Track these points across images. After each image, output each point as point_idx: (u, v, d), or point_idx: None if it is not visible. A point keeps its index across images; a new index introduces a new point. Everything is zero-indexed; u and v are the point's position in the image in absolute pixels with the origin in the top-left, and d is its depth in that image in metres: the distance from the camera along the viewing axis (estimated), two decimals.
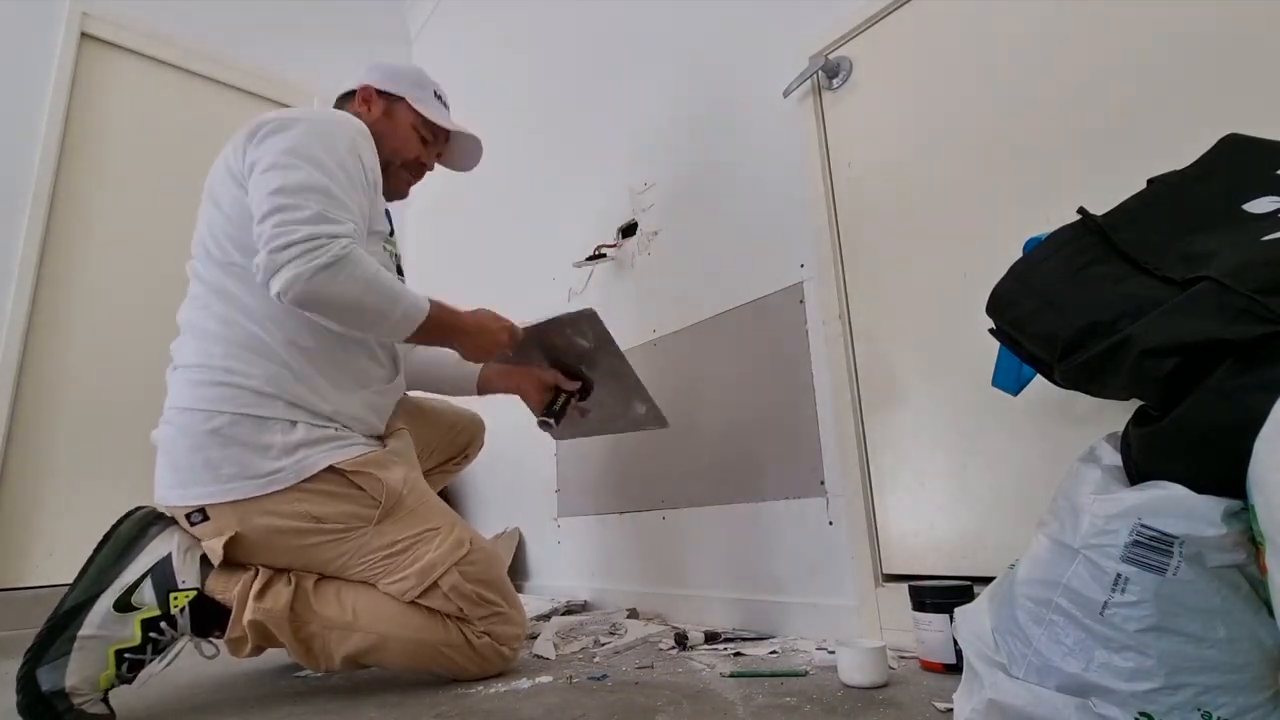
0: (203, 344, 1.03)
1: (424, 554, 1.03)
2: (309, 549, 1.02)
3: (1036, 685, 0.60)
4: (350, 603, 1.02)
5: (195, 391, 1.01)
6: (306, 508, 1.00)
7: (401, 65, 1.34)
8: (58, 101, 2.10)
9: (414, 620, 1.03)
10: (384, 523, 1.04)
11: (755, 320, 1.44)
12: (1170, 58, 0.94)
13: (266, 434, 1.00)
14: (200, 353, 1.03)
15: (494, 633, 1.05)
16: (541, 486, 1.98)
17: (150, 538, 0.99)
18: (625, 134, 1.88)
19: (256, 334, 1.03)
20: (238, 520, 0.99)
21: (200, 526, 1.00)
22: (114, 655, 0.91)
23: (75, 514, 1.94)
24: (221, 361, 1.01)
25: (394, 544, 1.03)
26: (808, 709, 0.83)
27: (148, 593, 0.95)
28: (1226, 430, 0.54)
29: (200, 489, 0.99)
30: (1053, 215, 0.79)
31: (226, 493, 0.98)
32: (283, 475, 0.99)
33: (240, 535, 0.99)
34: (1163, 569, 0.55)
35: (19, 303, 1.93)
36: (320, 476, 1.01)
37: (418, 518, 1.06)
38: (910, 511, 1.16)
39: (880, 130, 1.30)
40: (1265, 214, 0.63)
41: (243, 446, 0.99)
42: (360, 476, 1.03)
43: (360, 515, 1.03)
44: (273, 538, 1.00)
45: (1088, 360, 0.63)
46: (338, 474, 1.02)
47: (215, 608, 0.99)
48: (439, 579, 1.02)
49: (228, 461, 0.98)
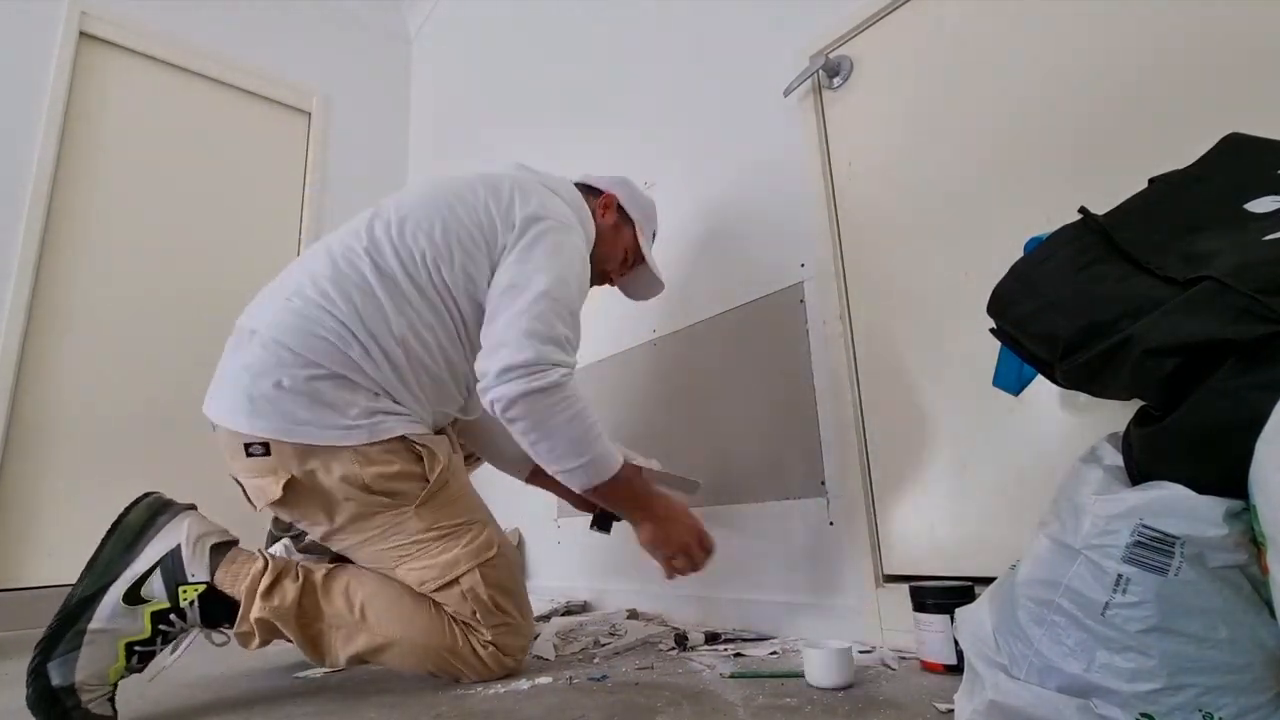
0: (324, 302, 1.04)
1: (453, 547, 1.04)
2: (350, 515, 1.03)
3: (1038, 686, 0.59)
4: (359, 601, 1.02)
5: (300, 333, 1.02)
6: (361, 471, 1.01)
7: (646, 196, 1.44)
8: (56, 101, 2.10)
9: (422, 624, 1.02)
10: (425, 505, 1.04)
11: (755, 320, 1.44)
12: (1170, 58, 0.94)
13: (353, 395, 1.03)
14: (328, 300, 1.04)
15: (500, 643, 1.05)
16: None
17: (159, 527, 0.98)
18: (625, 133, 1.87)
19: (383, 319, 1.05)
20: (298, 464, 1.00)
21: (258, 460, 1.00)
22: (124, 648, 0.90)
23: (75, 514, 1.94)
24: (344, 321, 1.03)
25: (428, 530, 1.04)
26: (808, 709, 0.83)
27: (157, 585, 0.94)
28: (1228, 430, 0.54)
29: (273, 423, 0.99)
30: (1053, 215, 0.79)
31: (298, 434, 0.99)
32: (357, 432, 1.01)
33: (295, 480, 1.00)
34: (1164, 569, 0.55)
35: (18, 302, 1.93)
36: (388, 444, 1.03)
37: (457, 509, 1.08)
38: (911, 512, 1.16)
39: (880, 130, 1.30)
40: (1266, 213, 0.63)
41: (326, 403, 1.01)
42: (424, 450, 1.06)
43: (408, 493, 1.04)
44: (321, 494, 1.01)
45: (1089, 360, 0.63)
46: (405, 444, 1.05)
47: (224, 600, 0.98)
48: (460, 576, 1.03)
49: (307, 408, 1.00)
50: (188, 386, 2.15)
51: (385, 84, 3.04)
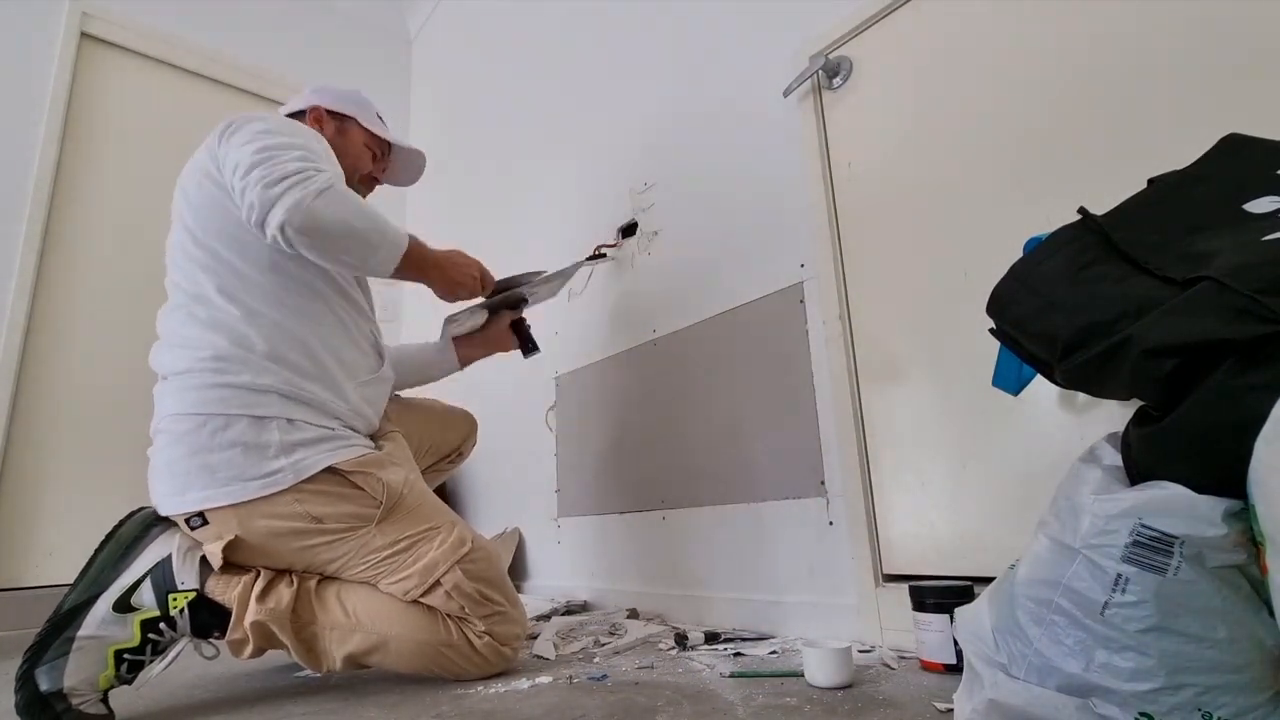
0: (188, 350, 1.02)
1: (425, 553, 1.04)
2: (310, 550, 1.02)
3: (1037, 685, 0.60)
4: (352, 604, 1.03)
5: (189, 396, 1.00)
6: (306, 508, 1.00)
7: (344, 88, 1.37)
8: (57, 101, 2.10)
9: (415, 620, 1.03)
10: (385, 522, 1.04)
11: (755, 320, 1.44)
12: (1171, 58, 0.94)
13: (264, 433, 0.99)
14: (187, 359, 1.02)
15: (495, 632, 1.05)
16: (541, 486, 1.98)
17: (151, 538, 0.99)
18: (625, 133, 1.88)
19: (243, 332, 1.02)
20: (237, 523, 0.98)
21: (200, 530, 1.00)
22: (113, 655, 0.91)
23: (75, 514, 1.94)
24: (212, 363, 1.00)
25: (395, 543, 1.04)
26: (808, 709, 0.83)
27: (147, 594, 0.95)
28: (1227, 430, 0.54)
29: (198, 493, 0.98)
30: (1053, 215, 0.79)
31: (225, 496, 0.97)
32: (281, 476, 0.98)
33: (240, 539, 0.99)
34: (1163, 569, 0.55)
35: (19, 302, 1.93)
36: (319, 477, 1.01)
37: (418, 517, 1.07)
38: (910, 512, 1.16)
39: (880, 130, 1.30)
40: (1266, 214, 0.63)
41: (240, 448, 0.98)
42: (359, 476, 1.03)
43: (361, 515, 1.03)
44: (273, 540, 1.00)
45: (1088, 360, 0.63)
46: (337, 474, 1.02)
47: (215, 609, 0.99)
48: (441, 577, 1.02)
49: (225, 464, 0.98)
50: None
51: (386, 84, 3.04)
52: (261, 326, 1.03)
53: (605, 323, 1.83)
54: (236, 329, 1.02)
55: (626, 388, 1.75)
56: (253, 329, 1.02)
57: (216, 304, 1.03)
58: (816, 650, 0.93)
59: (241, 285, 1.03)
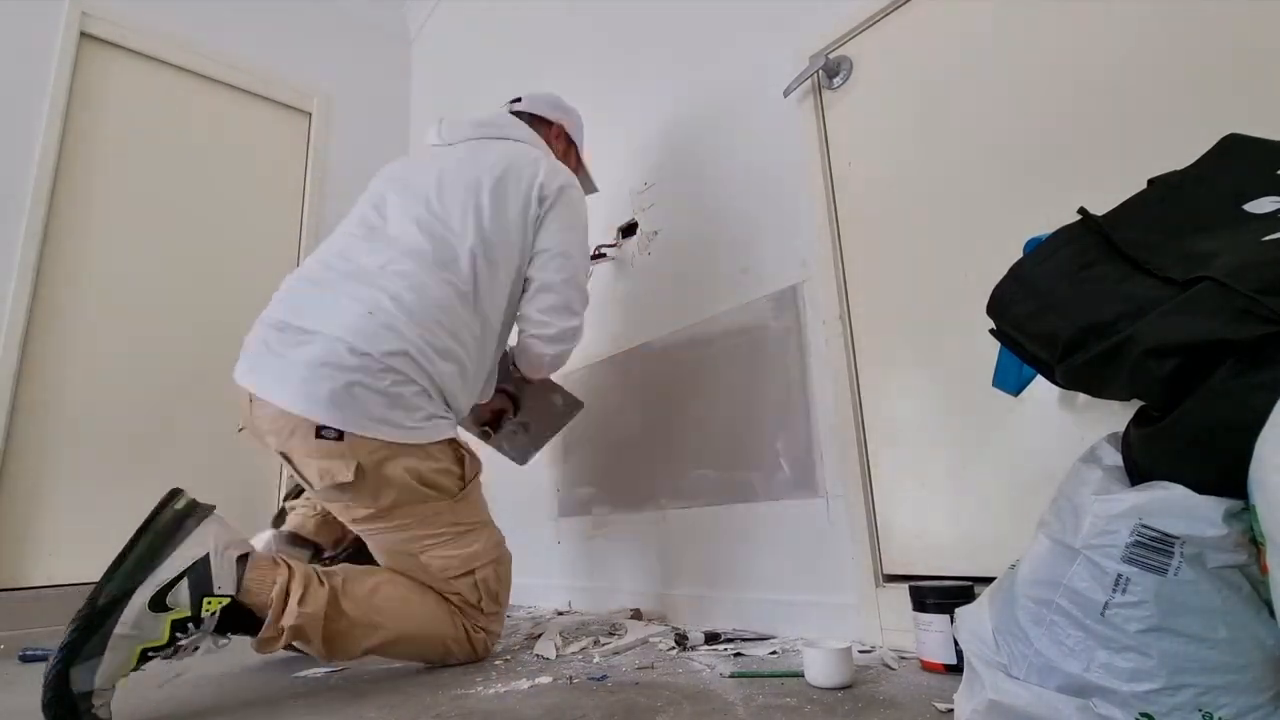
0: (422, 313, 1.14)
1: (473, 543, 1.18)
2: (401, 503, 1.12)
3: (1037, 686, 0.60)
4: (376, 601, 1.10)
5: (380, 339, 1.09)
6: (419, 466, 1.13)
7: (576, 110, 1.62)
8: (57, 101, 2.10)
9: (432, 616, 1.13)
10: (459, 501, 1.18)
11: (755, 320, 1.44)
12: (1170, 58, 0.94)
13: (424, 401, 1.14)
14: (414, 320, 1.13)
15: (490, 630, 1.21)
16: (541, 486, 1.98)
17: (187, 532, 0.96)
18: (625, 134, 1.87)
19: (460, 335, 1.19)
20: (368, 453, 1.08)
21: (329, 444, 1.07)
22: (140, 654, 0.90)
23: (75, 514, 1.94)
24: (430, 341, 1.14)
25: (456, 524, 1.17)
26: (808, 709, 0.83)
27: (183, 594, 0.92)
28: (1227, 430, 0.54)
29: (349, 415, 1.07)
30: (1053, 215, 0.79)
31: (374, 430, 1.08)
32: (421, 433, 1.13)
33: (360, 468, 1.08)
34: (1164, 569, 0.55)
35: (19, 302, 1.93)
36: (440, 445, 1.16)
37: (477, 507, 1.23)
38: (910, 512, 1.16)
39: (880, 130, 1.30)
40: (1266, 214, 0.63)
41: (401, 406, 1.11)
42: (466, 454, 1.22)
43: (447, 488, 1.17)
44: (380, 482, 1.10)
45: (1088, 360, 0.63)
46: (451, 446, 1.19)
47: (244, 613, 0.99)
48: (477, 568, 1.17)
49: (383, 408, 1.09)
50: (188, 385, 2.15)
51: (386, 84, 3.04)
52: (473, 336, 1.22)
53: (605, 323, 1.83)
54: (453, 342, 1.18)
55: (627, 387, 1.75)
56: (468, 333, 1.21)
57: (452, 312, 1.19)
58: (817, 650, 0.93)
59: (476, 292, 1.23)
